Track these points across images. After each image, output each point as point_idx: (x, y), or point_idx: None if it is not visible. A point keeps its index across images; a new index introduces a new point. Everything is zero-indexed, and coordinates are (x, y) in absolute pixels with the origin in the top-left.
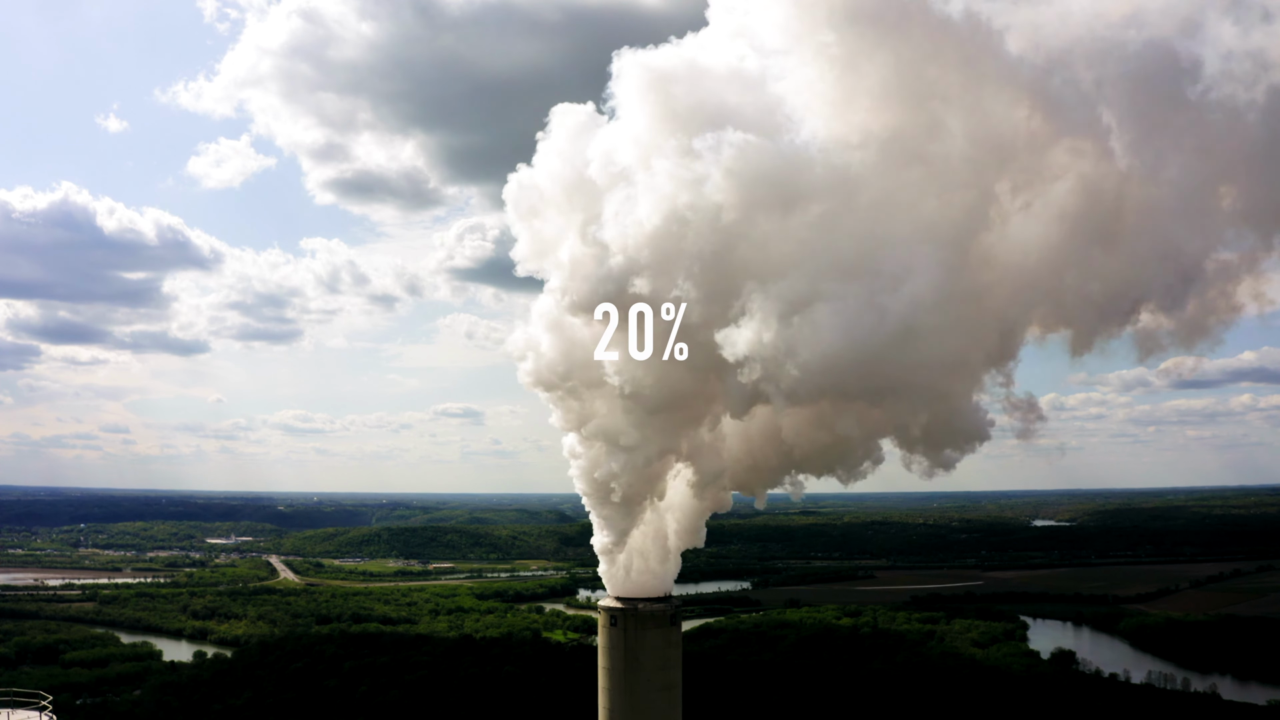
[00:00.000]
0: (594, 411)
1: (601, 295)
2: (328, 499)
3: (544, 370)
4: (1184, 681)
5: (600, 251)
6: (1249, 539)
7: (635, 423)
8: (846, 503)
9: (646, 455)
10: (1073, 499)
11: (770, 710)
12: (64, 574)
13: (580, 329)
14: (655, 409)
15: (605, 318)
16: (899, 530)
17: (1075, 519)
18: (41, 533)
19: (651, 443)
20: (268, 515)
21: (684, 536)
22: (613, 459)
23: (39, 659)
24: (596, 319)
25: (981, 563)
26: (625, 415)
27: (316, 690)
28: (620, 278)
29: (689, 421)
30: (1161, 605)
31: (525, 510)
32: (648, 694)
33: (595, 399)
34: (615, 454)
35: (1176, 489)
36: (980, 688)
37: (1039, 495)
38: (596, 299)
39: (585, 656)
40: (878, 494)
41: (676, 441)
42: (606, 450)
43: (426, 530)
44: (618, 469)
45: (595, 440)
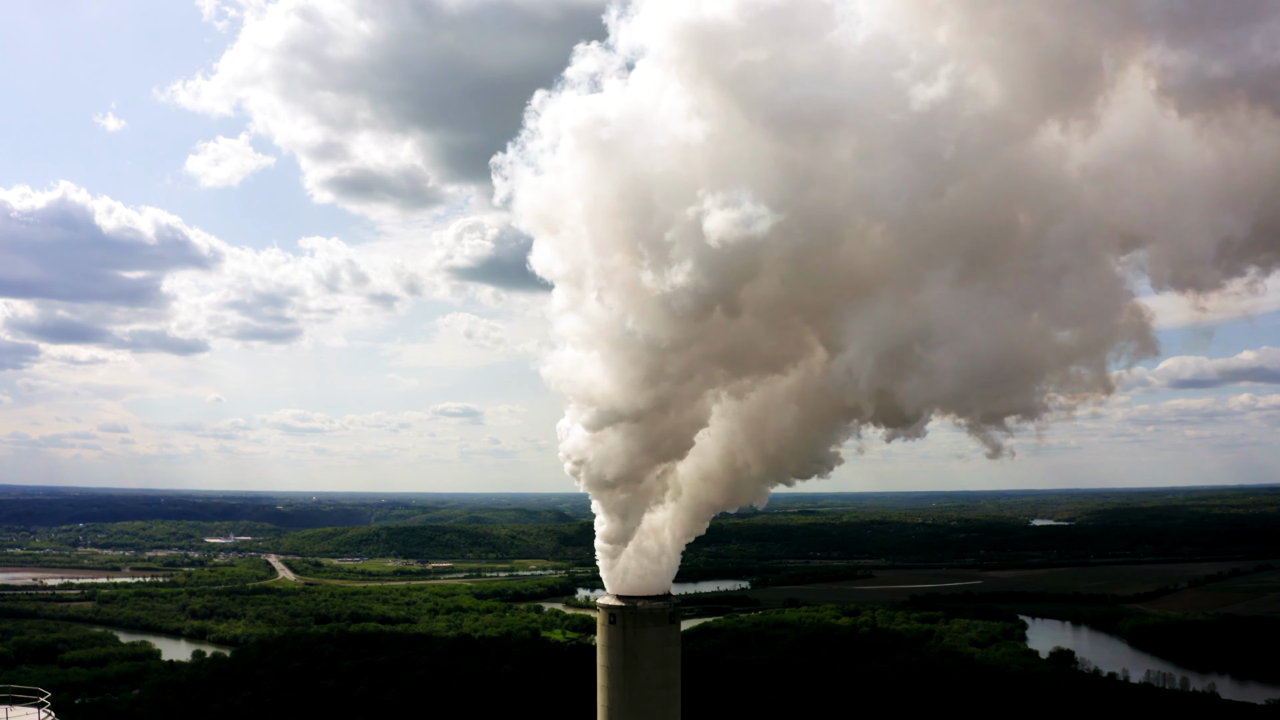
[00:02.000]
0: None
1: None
2: (326, 498)
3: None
4: (1183, 681)
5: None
6: (1248, 539)
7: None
8: (845, 502)
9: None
10: (1071, 499)
11: (769, 710)
12: (63, 573)
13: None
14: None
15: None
16: (898, 530)
17: (1074, 519)
18: (40, 532)
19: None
20: (266, 515)
21: (683, 535)
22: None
23: (38, 658)
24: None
25: (980, 562)
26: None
27: (315, 689)
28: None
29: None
30: (1160, 605)
31: (524, 510)
32: (647, 691)
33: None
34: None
35: (1175, 489)
36: (979, 687)
37: (1038, 495)
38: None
39: (584, 656)
40: (877, 493)
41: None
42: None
43: (425, 530)
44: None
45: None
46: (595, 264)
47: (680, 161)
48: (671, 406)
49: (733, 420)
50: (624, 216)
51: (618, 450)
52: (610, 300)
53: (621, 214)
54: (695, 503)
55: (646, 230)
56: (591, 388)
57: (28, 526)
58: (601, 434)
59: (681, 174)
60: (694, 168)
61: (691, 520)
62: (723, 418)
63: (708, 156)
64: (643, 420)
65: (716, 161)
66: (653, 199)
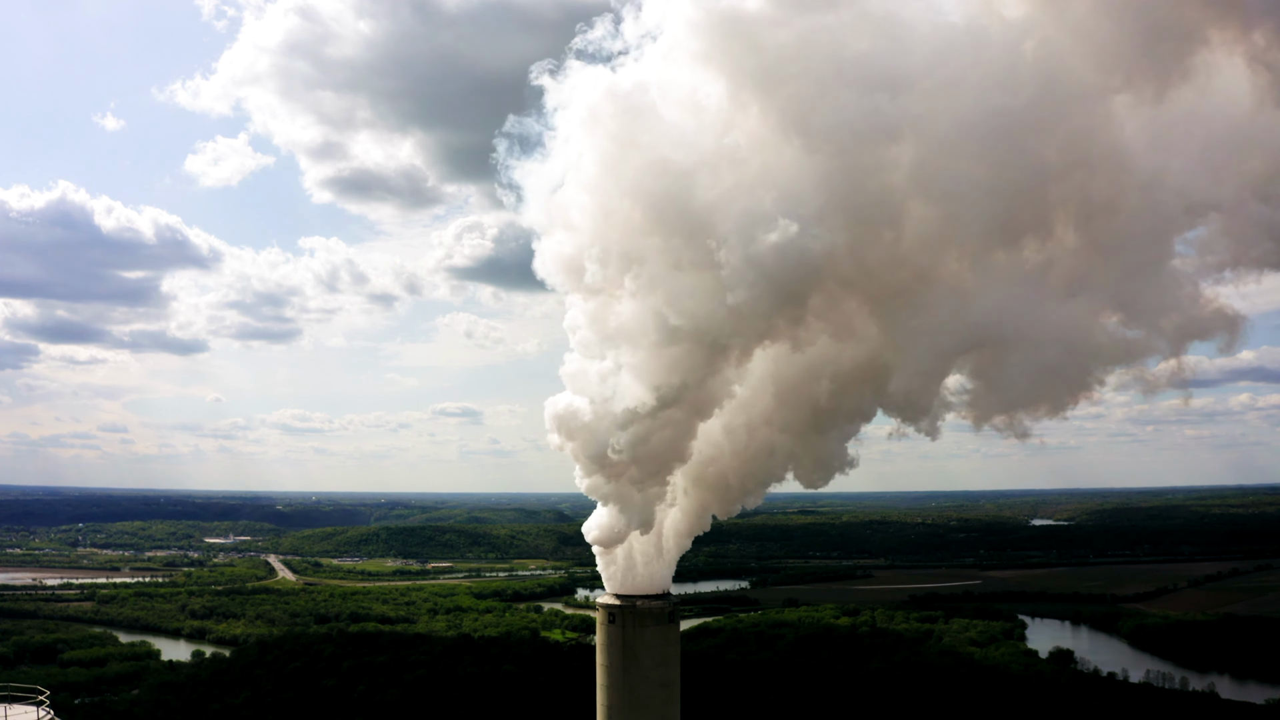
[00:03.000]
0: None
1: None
2: (326, 498)
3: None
4: (1182, 680)
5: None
6: (1247, 538)
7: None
8: (845, 502)
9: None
10: (1071, 498)
11: (768, 709)
12: (62, 573)
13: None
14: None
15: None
16: (897, 529)
17: (1074, 518)
18: (39, 532)
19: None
20: (266, 515)
21: (683, 533)
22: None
23: (37, 658)
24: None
25: (980, 562)
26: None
27: (315, 690)
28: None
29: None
30: (1160, 604)
31: (523, 510)
32: (646, 690)
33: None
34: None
35: (1175, 488)
36: (979, 687)
37: (1037, 494)
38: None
39: (583, 655)
40: (876, 493)
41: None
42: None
43: (425, 530)
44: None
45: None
46: (621, 253)
47: (713, 150)
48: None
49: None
50: (652, 203)
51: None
52: (641, 294)
53: (650, 199)
54: (697, 501)
55: (683, 220)
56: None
57: (27, 526)
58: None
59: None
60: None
61: (695, 517)
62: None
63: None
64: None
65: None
66: (692, 189)
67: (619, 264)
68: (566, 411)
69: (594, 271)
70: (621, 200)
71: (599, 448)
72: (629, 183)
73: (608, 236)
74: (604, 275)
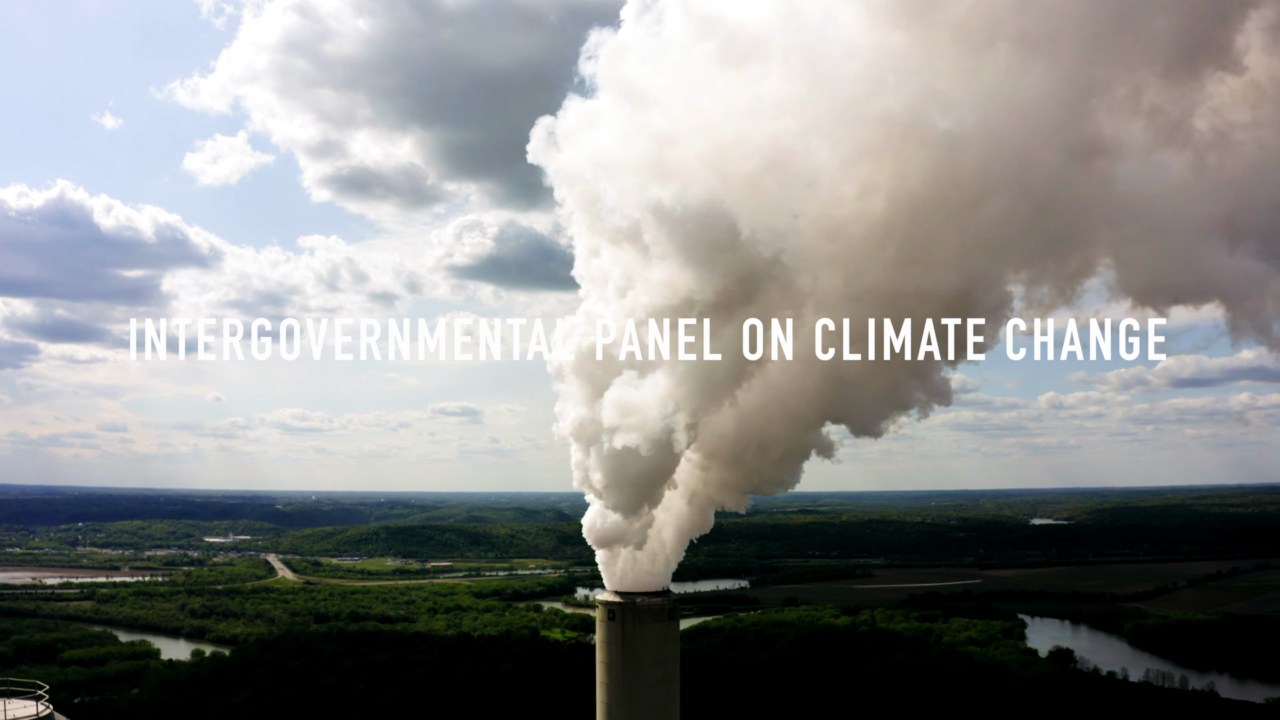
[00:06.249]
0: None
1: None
2: (326, 498)
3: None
4: (1182, 680)
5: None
6: (1247, 537)
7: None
8: (845, 501)
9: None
10: (1071, 497)
11: (768, 709)
12: (62, 573)
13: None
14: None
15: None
16: (897, 529)
17: (1073, 517)
18: (39, 531)
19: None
20: (266, 514)
21: (683, 532)
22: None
23: (37, 657)
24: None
25: (980, 561)
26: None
27: (315, 689)
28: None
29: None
30: (1160, 604)
31: (523, 509)
32: (645, 687)
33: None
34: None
35: (1175, 488)
36: (978, 686)
37: (1037, 494)
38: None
39: (583, 654)
40: (876, 492)
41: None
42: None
43: (425, 529)
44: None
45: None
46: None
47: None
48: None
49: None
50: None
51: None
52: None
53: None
54: (700, 498)
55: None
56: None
57: (27, 526)
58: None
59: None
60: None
61: (697, 515)
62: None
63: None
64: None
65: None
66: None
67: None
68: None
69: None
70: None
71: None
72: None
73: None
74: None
